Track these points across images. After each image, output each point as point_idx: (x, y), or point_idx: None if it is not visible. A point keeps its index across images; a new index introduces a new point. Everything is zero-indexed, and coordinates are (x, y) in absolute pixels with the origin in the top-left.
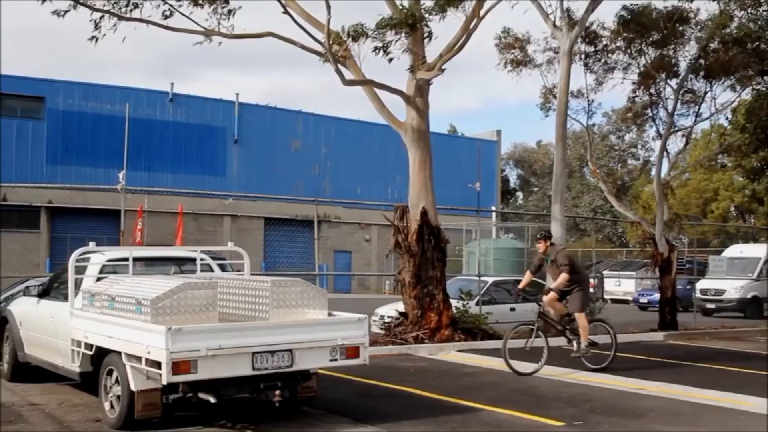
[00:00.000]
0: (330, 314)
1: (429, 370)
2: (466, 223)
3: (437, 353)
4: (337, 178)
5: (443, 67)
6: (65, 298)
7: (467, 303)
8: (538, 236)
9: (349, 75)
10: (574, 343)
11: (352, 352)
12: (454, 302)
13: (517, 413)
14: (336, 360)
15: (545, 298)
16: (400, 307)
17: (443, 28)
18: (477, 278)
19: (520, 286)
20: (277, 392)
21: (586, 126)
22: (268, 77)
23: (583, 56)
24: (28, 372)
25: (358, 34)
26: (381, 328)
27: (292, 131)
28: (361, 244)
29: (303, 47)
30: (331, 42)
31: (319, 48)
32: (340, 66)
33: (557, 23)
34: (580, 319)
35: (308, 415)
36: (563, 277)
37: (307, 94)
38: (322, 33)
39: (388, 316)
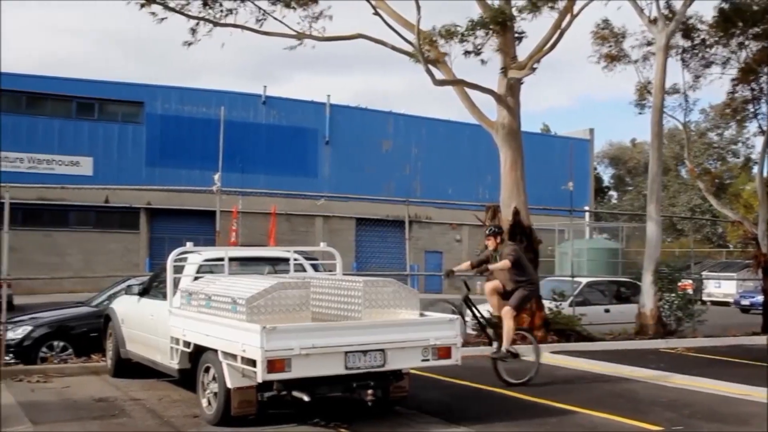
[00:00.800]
0: (422, 314)
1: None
2: (558, 223)
3: (529, 355)
4: (427, 178)
5: (535, 66)
6: (164, 297)
7: (560, 304)
8: (488, 232)
9: (439, 75)
10: (495, 344)
11: (444, 352)
12: (546, 303)
13: (613, 416)
14: (428, 360)
15: (486, 286)
16: None
17: (535, 26)
18: (570, 279)
19: (453, 268)
20: (370, 392)
21: (683, 123)
22: (358, 78)
23: (680, 51)
24: (129, 368)
25: (448, 34)
26: (473, 329)
27: (383, 132)
28: (452, 245)
29: (393, 48)
30: (421, 42)
31: (409, 48)
32: (430, 66)
33: (653, 18)
34: (506, 316)
35: (400, 414)
36: (504, 263)
37: (397, 95)
38: (413, 33)
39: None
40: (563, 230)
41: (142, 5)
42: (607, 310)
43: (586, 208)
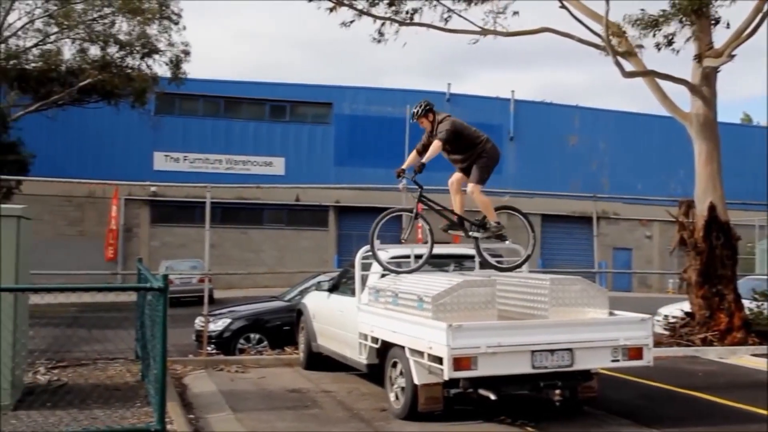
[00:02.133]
0: (611, 313)
1: (719, 375)
2: (758, 218)
3: (728, 357)
4: (615, 173)
5: (733, 53)
6: (352, 293)
7: (762, 304)
8: (419, 112)
9: (628, 66)
10: (476, 232)
11: (635, 353)
12: (746, 303)
13: None
14: (618, 361)
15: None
16: (686, 306)
17: (732, 11)
18: None
19: (403, 166)
20: (557, 391)
21: None
22: (542, 73)
23: None
24: (320, 361)
25: (638, 24)
26: (665, 329)
27: (569, 126)
28: (641, 241)
29: (580, 40)
30: (609, 34)
31: (596, 41)
32: (619, 57)
33: None
34: (476, 193)
35: (589, 415)
36: (433, 146)
37: (583, 89)
38: (600, 25)
39: (673, 317)
40: (764, 226)
41: (331, 9)
42: None
43: None
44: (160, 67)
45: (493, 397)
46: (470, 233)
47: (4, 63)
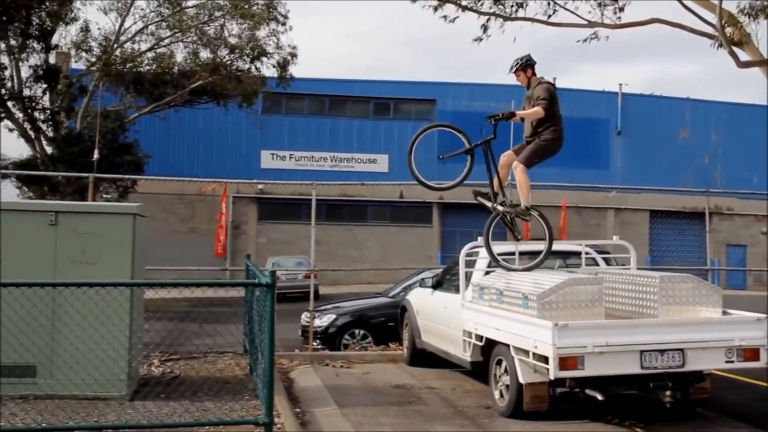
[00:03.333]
0: (725, 313)
1: None
2: None
3: None
4: (729, 167)
5: None
6: (456, 290)
7: None
8: (517, 66)
9: (744, 56)
10: (501, 206)
11: (751, 354)
12: None
13: None
14: (732, 362)
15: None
16: None
17: None
18: None
19: (499, 112)
20: (668, 392)
21: None
22: (651, 66)
23: None
24: (423, 357)
25: (754, 12)
26: None
27: (679, 119)
28: (757, 237)
29: (692, 31)
30: (723, 23)
31: (709, 30)
32: (734, 47)
33: None
34: (518, 172)
35: (701, 417)
36: (535, 110)
37: (694, 81)
38: (713, 14)
39: None
40: None
41: (436, 8)
42: None
43: None
44: (268, 69)
45: (600, 397)
46: (496, 204)
47: (120, 66)
